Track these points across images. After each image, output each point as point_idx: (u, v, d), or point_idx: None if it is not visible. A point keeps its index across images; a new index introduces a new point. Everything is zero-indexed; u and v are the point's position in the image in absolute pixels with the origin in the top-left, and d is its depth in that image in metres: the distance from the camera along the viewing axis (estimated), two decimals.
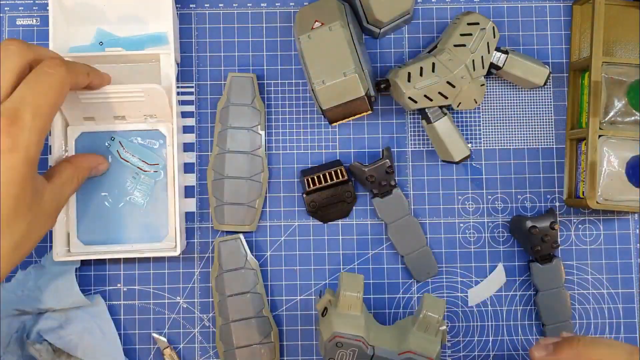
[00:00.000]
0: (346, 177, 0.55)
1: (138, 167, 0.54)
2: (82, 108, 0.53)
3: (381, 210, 0.56)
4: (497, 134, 0.58)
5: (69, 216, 0.54)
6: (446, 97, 0.53)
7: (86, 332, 0.54)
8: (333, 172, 0.55)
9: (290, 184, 0.57)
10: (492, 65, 0.54)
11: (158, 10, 0.54)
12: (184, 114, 0.57)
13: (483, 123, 0.58)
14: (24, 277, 0.54)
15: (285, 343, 0.56)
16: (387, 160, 0.55)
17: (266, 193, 0.57)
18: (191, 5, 0.58)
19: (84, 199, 0.54)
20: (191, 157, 0.57)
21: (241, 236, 0.55)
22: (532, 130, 0.58)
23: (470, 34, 0.53)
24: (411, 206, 0.57)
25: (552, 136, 0.58)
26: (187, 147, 0.57)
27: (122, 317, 0.56)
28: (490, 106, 0.58)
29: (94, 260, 0.56)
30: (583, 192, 0.54)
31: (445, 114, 0.54)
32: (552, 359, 0.45)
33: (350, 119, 0.52)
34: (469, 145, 0.57)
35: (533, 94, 0.58)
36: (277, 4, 0.58)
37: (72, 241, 0.53)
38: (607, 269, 0.57)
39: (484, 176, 0.57)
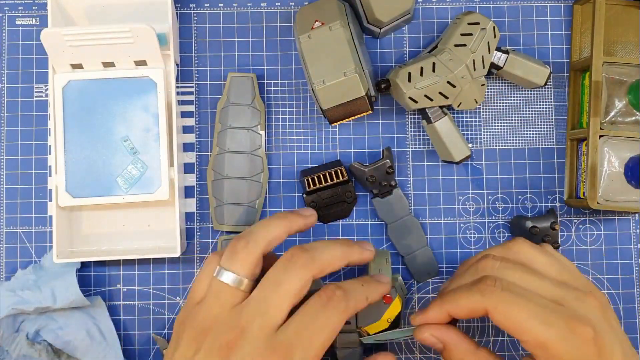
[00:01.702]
0: (346, 177, 0.55)
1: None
2: (68, 51, 0.52)
3: (381, 210, 0.56)
4: (498, 134, 0.58)
5: (57, 167, 0.52)
6: (447, 97, 0.53)
7: (86, 333, 0.53)
8: (333, 172, 0.55)
9: (290, 184, 0.57)
10: (493, 65, 0.54)
11: (158, 10, 0.54)
12: (184, 114, 0.57)
13: (483, 123, 0.58)
14: (23, 276, 0.54)
15: None
16: (388, 160, 0.55)
17: (266, 193, 0.57)
18: (191, 5, 0.58)
19: (72, 149, 0.53)
20: (191, 157, 0.57)
21: None
22: (532, 130, 0.58)
23: (471, 34, 0.53)
24: (411, 206, 0.57)
25: (553, 136, 0.58)
26: (187, 147, 0.57)
27: (122, 317, 0.56)
28: (491, 106, 0.58)
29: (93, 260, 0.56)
30: (584, 193, 0.54)
31: (446, 114, 0.54)
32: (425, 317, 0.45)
33: (351, 119, 0.51)
34: (470, 145, 0.57)
35: (533, 94, 0.58)
36: (277, 4, 0.58)
37: (61, 194, 0.52)
38: (608, 269, 0.57)
39: (484, 176, 0.57)
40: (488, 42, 0.53)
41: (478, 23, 0.54)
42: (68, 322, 0.53)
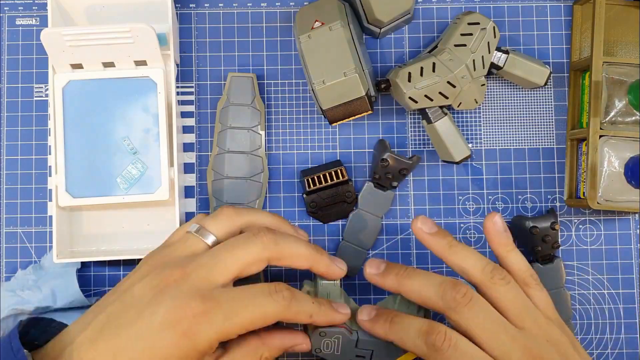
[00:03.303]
0: (346, 177, 0.55)
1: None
2: (68, 51, 0.52)
3: (364, 196, 0.56)
4: (498, 134, 0.58)
5: (57, 167, 0.53)
6: (447, 97, 0.53)
7: None
8: (333, 172, 0.55)
9: (290, 184, 0.57)
10: (493, 65, 0.54)
11: (158, 10, 0.54)
12: (184, 114, 0.57)
13: (483, 123, 0.58)
14: (23, 276, 0.54)
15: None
16: (411, 163, 0.54)
17: (266, 193, 0.57)
18: (191, 5, 0.58)
19: (72, 149, 0.53)
20: (191, 157, 0.57)
21: None
22: (532, 131, 0.58)
23: (471, 34, 0.53)
24: (411, 206, 0.57)
25: (553, 136, 0.58)
26: (187, 147, 0.57)
27: None
28: (491, 106, 0.58)
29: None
30: (584, 193, 0.54)
31: (446, 114, 0.54)
32: (378, 281, 0.47)
33: (351, 119, 0.51)
34: (470, 145, 0.57)
35: (533, 94, 0.58)
36: (277, 4, 0.58)
37: (61, 194, 0.52)
38: (608, 269, 0.57)
39: (484, 176, 0.57)
40: (488, 42, 0.53)
41: (478, 23, 0.54)
42: (69, 322, 0.53)
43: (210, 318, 0.39)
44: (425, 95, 0.53)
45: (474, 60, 0.53)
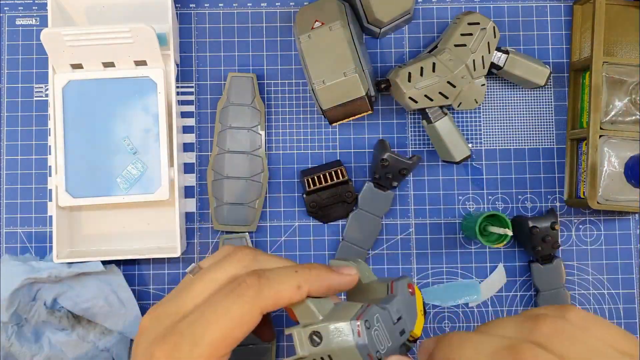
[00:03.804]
0: (346, 177, 0.55)
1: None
2: (68, 51, 0.52)
3: (364, 196, 0.56)
4: (498, 134, 0.58)
5: (57, 168, 0.53)
6: (447, 97, 0.53)
7: (104, 300, 0.52)
8: (333, 172, 0.55)
9: (290, 184, 0.57)
10: (493, 65, 0.54)
11: (158, 10, 0.54)
12: (184, 114, 0.57)
13: (483, 123, 0.58)
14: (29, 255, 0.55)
15: (284, 344, 0.56)
16: (411, 163, 0.54)
17: (266, 193, 0.57)
18: (191, 5, 0.58)
19: (72, 149, 0.53)
20: (191, 157, 0.57)
21: (247, 235, 0.55)
22: (532, 130, 0.58)
23: (471, 34, 0.53)
24: (411, 206, 0.57)
25: (553, 136, 0.58)
26: (187, 147, 0.57)
27: None
28: (491, 106, 0.58)
29: None
30: (584, 192, 0.54)
31: (446, 114, 0.54)
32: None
33: (351, 119, 0.51)
34: (470, 145, 0.57)
35: (534, 94, 0.58)
36: (277, 4, 0.58)
37: (61, 194, 0.52)
38: (608, 269, 0.57)
39: (484, 176, 0.57)
40: (488, 42, 0.53)
41: (478, 23, 0.54)
42: (85, 290, 0.52)
43: (174, 355, 0.33)
44: (425, 95, 0.53)
45: (474, 60, 0.53)
